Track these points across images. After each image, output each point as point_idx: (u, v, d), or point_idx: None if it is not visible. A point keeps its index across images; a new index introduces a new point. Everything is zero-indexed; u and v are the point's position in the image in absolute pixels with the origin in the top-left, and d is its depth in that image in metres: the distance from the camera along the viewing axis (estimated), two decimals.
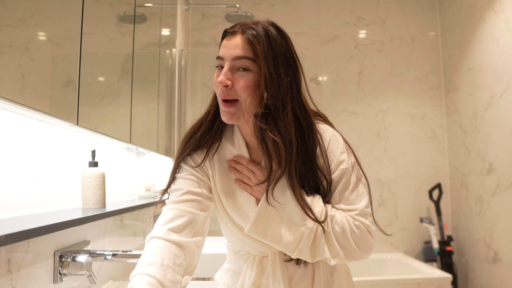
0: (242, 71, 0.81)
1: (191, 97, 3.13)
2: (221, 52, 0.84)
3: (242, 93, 0.81)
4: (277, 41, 0.82)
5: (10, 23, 0.75)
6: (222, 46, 0.85)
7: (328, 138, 0.87)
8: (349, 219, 0.83)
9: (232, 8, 2.96)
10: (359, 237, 0.82)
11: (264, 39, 0.81)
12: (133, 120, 1.55)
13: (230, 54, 0.82)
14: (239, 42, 0.82)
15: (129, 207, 1.34)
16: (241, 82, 0.81)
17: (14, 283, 0.72)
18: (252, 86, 0.81)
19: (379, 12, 3.44)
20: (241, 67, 0.81)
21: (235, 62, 0.81)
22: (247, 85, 0.81)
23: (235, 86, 0.81)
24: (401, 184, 3.31)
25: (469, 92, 3.03)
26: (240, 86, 0.81)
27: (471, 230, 3.00)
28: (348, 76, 3.38)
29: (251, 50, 0.81)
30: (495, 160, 2.72)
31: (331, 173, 0.85)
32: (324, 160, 0.85)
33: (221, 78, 0.81)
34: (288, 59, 0.84)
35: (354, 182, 0.86)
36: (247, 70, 0.81)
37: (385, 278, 2.66)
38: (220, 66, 0.84)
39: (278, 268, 0.88)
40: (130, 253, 0.95)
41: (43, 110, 0.85)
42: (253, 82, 0.81)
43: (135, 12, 1.60)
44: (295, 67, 0.85)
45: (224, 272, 1.04)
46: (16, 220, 0.81)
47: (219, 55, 0.84)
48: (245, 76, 0.81)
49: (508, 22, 2.57)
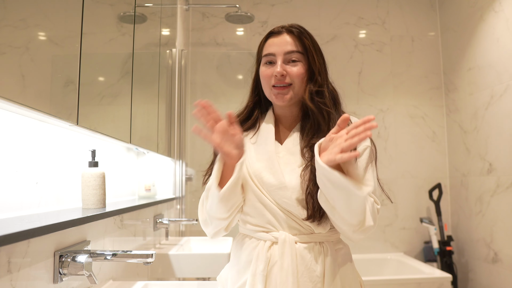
0: (293, 62, 1.01)
1: (191, 97, 3.13)
2: (271, 49, 1.03)
3: (296, 79, 1.01)
4: (312, 37, 1.05)
5: (10, 23, 0.75)
6: (271, 44, 1.03)
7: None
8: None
9: (232, 8, 2.96)
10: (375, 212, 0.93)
11: (307, 36, 1.03)
12: (133, 120, 1.55)
13: (282, 50, 1.01)
14: (288, 39, 1.02)
15: (129, 207, 1.34)
16: (294, 70, 1.01)
17: (14, 283, 0.72)
18: (303, 72, 1.01)
19: (379, 12, 3.44)
20: (293, 59, 1.01)
21: (287, 55, 1.01)
22: (299, 72, 1.01)
23: (289, 74, 1.01)
24: (401, 184, 3.31)
25: (469, 92, 3.03)
26: (294, 74, 1.01)
27: (471, 230, 3.00)
28: (348, 76, 3.38)
29: (300, 44, 1.02)
30: (495, 160, 2.72)
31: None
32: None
33: (279, 69, 1.00)
34: (321, 52, 1.06)
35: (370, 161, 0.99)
36: (298, 61, 1.01)
37: (385, 278, 2.66)
38: (269, 62, 1.03)
39: (287, 254, 0.93)
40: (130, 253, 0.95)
41: (43, 110, 0.85)
42: (303, 70, 1.01)
43: (135, 12, 1.60)
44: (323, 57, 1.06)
45: (229, 270, 1.06)
46: (16, 220, 0.81)
47: (271, 52, 1.02)
48: (297, 66, 1.01)
49: (508, 22, 2.57)
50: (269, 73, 1.02)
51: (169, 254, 1.73)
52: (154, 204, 1.79)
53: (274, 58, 1.02)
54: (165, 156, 2.34)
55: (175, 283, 1.35)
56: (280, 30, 1.04)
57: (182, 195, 2.64)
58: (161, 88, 2.21)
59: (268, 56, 1.03)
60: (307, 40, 1.02)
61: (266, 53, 1.03)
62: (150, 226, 1.82)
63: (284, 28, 1.04)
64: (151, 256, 0.94)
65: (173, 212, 2.51)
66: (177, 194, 2.59)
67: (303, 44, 1.02)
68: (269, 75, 1.02)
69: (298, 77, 1.01)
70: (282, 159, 1.00)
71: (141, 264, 1.55)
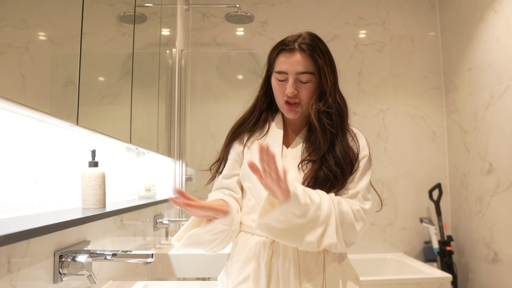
0: (303, 83, 1.04)
1: (191, 97, 3.13)
2: (283, 67, 1.04)
3: (305, 98, 1.05)
4: (325, 50, 1.06)
5: (10, 23, 0.75)
6: (283, 62, 1.04)
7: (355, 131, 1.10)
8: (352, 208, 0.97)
9: (232, 8, 2.96)
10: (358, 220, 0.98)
11: (320, 52, 1.04)
12: (133, 120, 1.55)
13: (294, 70, 1.03)
14: (299, 59, 1.03)
15: (129, 207, 1.34)
16: (304, 91, 1.04)
17: (14, 283, 0.72)
18: (312, 92, 1.05)
19: (379, 12, 3.44)
20: (303, 80, 1.04)
21: (298, 76, 1.03)
22: (309, 92, 1.05)
23: (299, 94, 1.04)
24: (401, 184, 3.31)
25: (469, 92, 3.03)
26: (304, 94, 1.04)
27: (471, 230, 3.00)
28: (348, 76, 3.38)
29: (312, 65, 1.03)
30: (495, 160, 2.72)
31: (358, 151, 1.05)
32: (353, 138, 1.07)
33: (289, 90, 1.03)
34: (333, 62, 1.08)
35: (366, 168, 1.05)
36: (307, 82, 1.04)
37: (385, 278, 2.66)
38: (281, 80, 1.05)
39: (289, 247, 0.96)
40: (130, 253, 0.95)
41: (43, 110, 0.85)
42: (314, 90, 1.05)
43: (135, 12, 1.60)
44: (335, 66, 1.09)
45: (230, 266, 1.07)
46: (16, 220, 0.81)
47: (283, 70, 1.04)
48: (307, 87, 1.04)
49: (508, 22, 2.57)
50: (282, 90, 1.06)
51: (169, 254, 1.73)
52: (154, 204, 1.79)
53: (286, 76, 1.04)
54: (165, 156, 2.34)
55: (175, 283, 1.35)
56: (293, 47, 1.04)
57: None
58: (161, 88, 2.21)
59: (280, 74, 1.05)
60: (320, 58, 1.03)
61: (278, 70, 1.05)
62: (150, 226, 1.82)
63: (297, 44, 1.04)
64: (151, 256, 0.94)
65: (173, 212, 2.51)
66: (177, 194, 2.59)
67: (316, 63, 1.03)
68: (282, 92, 1.05)
69: (307, 97, 1.05)
70: (287, 163, 1.06)
71: (141, 264, 1.55)
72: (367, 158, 1.06)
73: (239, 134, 1.13)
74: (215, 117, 3.17)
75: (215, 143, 3.14)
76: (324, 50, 1.05)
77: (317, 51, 1.03)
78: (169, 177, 2.56)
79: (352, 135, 1.08)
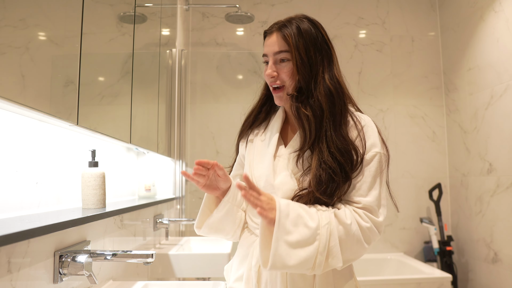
0: (283, 62, 0.99)
1: (191, 97, 3.13)
2: (264, 50, 1.02)
3: (286, 80, 0.99)
4: (308, 30, 0.99)
5: (10, 23, 0.75)
6: (265, 45, 1.03)
7: (364, 122, 0.97)
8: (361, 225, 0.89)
9: (232, 8, 2.96)
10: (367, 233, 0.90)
11: (296, 32, 0.97)
12: (133, 120, 1.55)
13: (271, 50, 1.00)
14: (275, 39, 1.00)
15: (129, 207, 1.34)
16: (284, 70, 0.98)
17: (14, 283, 0.72)
18: (290, 71, 0.98)
19: (379, 12, 3.44)
20: (281, 59, 0.99)
21: (276, 56, 0.99)
22: (289, 72, 0.98)
23: (280, 75, 0.99)
24: (401, 184, 3.31)
25: (469, 92, 3.03)
26: (284, 74, 0.99)
27: (471, 230, 3.00)
28: (348, 76, 3.33)
29: (286, 43, 0.97)
30: (495, 160, 2.72)
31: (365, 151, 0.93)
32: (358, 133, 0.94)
33: (268, 71, 0.99)
34: (319, 43, 0.99)
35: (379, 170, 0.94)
36: (286, 60, 0.98)
37: (385, 278, 2.66)
38: (266, 62, 1.02)
39: None
40: (130, 253, 0.95)
41: (43, 110, 0.85)
42: (293, 69, 0.98)
43: (135, 12, 1.60)
44: (327, 47, 1.01)
45: (235, 258, 1.10)
46: (16, 220, 0.81)
47: (264, 53, 1.02)
48: (286, 66, 0.98)
49: (508, 22, 2.57)
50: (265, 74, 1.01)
51: (169, 254, 1.73)
52: (154, 204, 1.79)
53: (267, 58, 1.01)
54: (165, 156, 2.34)
55: (175, 283, 1.35)
56: (271, 30, 1.02)
57: (182, 195, 2.64)
58: (161, 88, 2.21)
59: (264, 57, 1.03)
60: (289, 37, 0.96)
61: (263, 54, 1.04)
62: (150, 226, 1.82)
63: (274, 26, 1.01)
64: (151, 256, 0.94)
65: (173, 212, 2.51)
66: (177, 194, 2.59)
67: (288, 42, 0.97)
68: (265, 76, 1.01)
69: (287, 78, 0.98)
70: (281, 163, 1.00)
71: (141, 264, 1.55)
72: (379, 157, 0.93)
73: (242, 132, 1.14)
74: (215, 117, 3.17)
75: (215, 143, 3.14)
76: (302, 29, 0.98)
77: (289, 28, 0.98)
78: (169, 177, 2.56)
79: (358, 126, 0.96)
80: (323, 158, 0.91)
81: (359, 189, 0.92)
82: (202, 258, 1.75)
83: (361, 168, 0.93)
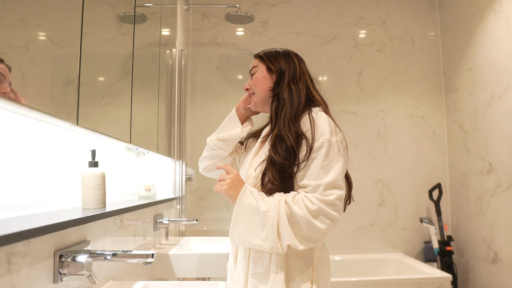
0: (253, 75, 1.22)
1: (191, 97, 3.13)
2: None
3: (253, 86, 1.20)
4: (279, 52, 1.20)
5: (10, 23, 0.75)
6: None
7: (318, 116, 1.06)
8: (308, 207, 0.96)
9: (232, 8, 2.96)
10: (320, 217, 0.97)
11: (268, 51, 1.21)
12: (133, 120, 1.55)
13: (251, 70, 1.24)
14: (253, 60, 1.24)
15: (129, 207, 1.34)
16: (252, 80, 1.21)
17: (14, 283, 0.72)
18: (260, 80, 1.18)
19: (379, 12, 3.44)
20: (252, 73, 1.22)
21: (251, 74, 1.23)
22: (255, 80, 1.20)
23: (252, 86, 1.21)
24: (401, 184, 3.31)
25: (469, 92, 3.03)
26: (252, 83, 1.21)
27: (471, 230, 3.00)
28: (348, 76, 3.38)
29: (258, 60, 1.22)
30: (495, 160, 2.72)
31: (314, 141, 1.01)
32: (310, 126, 1.04)
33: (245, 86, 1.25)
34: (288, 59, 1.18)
35: (329, 156, 1.00)
36: (255, 73, 1.21)
37: (385, 278, 2.66)
38: None
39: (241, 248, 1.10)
40: (130, 253, 0.95)
41: (43, 110, 0.85)
42: (257, 78, 1.19)
43: (135, 12, 1.60)
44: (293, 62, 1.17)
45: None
46: (16, 220, 0.81)
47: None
48: (254, 76, 1.21)
49: (508, 22, 2.57)
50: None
51: (169, 254, 1.73)
52: (154, 204, 1.79)
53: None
54: (165, 156, 2.34)
55: (175, 283, 1.35)
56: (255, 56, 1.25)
57: (182, 195, 2.64)
58: (161, 88, 2.21)
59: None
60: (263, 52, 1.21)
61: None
62: (150, 226, 1.82)
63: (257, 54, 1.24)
64: (151, 256, 0.94)
65: (173, 212, 2.51)
66: (177, 194, 2.59)
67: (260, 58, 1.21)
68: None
69: (255, 86, 1.19)
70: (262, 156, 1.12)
71: (141, 264, 1.55)
72: (327, 144, 1.00)
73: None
74: (215, 117, 3.16)
75: None
76: (268, 53, 1.20)
77: (266, 50, 1.22)
78: (169, 177, 2.56)
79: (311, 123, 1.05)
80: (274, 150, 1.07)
81: (311, 174, 1.00)
82: (202, 258, 1.75)
83: (309, 155, 1.01)
